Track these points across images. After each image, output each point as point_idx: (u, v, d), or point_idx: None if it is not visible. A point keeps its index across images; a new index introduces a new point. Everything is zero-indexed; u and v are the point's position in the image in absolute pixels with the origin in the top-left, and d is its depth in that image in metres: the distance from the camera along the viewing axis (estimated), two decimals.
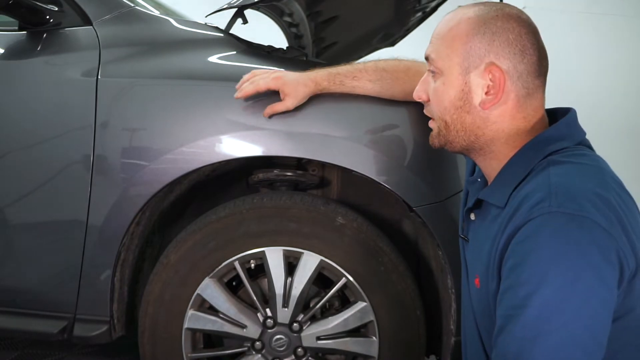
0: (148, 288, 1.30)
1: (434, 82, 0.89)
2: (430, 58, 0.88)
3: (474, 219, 0.93)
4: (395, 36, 2.41)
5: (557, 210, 0.70)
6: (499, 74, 0.82)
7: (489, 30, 0.82)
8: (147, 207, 1.28)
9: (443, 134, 0.90)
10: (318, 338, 1.29)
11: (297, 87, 1.16)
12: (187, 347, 1.30)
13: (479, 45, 0.82)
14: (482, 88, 0.83)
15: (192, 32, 1.38)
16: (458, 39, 0.84)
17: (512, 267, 0.73)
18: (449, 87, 0.86)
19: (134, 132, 1.26)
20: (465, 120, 0.86)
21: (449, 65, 0.85)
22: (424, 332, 1.30)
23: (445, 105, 0.87)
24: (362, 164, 1.22)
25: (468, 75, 0.84)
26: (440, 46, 0.86)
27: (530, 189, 0.76)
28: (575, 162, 0.78)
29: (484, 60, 0.82)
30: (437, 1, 2.08)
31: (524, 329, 0.70)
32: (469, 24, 0.84)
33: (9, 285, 1.32)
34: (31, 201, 1.28)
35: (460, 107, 0.85)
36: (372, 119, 1.23)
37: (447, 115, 0.87)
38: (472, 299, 0.94)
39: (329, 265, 1.26)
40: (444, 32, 0.87)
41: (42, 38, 1.33)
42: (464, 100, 0.85)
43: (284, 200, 1.28)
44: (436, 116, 0.90)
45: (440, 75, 0.87)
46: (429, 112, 0.93)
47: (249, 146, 1.23)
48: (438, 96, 0.88)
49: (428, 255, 1.39)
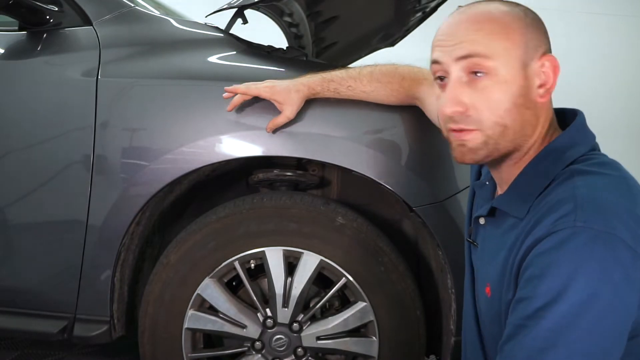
0: (148, 288, 1.30)
1: (479, 86, 0.78)
2: (480, 55, 0.77)
3: (484, 224, 0.91)
4: (395, 36, 2.41)
5: (583, 226, 0.68)
6: (552, 62, 0.79)
7: (533, 22, 0.80)
8: (147, 207, 1.28)
9: (493, 142, 0.79)
10: (318, 338, 1.29)
11: (289, 95, 1.16)
12: (187, 347, 1.30)
13: (534, 36, 0.79)
14: (537, 80, 0.79)
15: (192, 32, 1.38)
16: (513, 31, 0.78)
17: (529, 278, 0.72)
18: (510, 85, 0.77)
19: (134, 132, 1.26)
20: (525, 118, 0.79)
21: (508, 60, 0.77)
22: (424, 332, 1.30)
23: (507, 106, 0.77)
24: (362, 164, 1.22)
25: (527, 68, 0.78)
26: (492, 41, 0.77)
27: (554, 200, 0.74)
28: (601, 173, 0.75)
29: (539, 50, 0.79)
30: (437, 1, 2.08)
31: (535, 340, 0.69)
32: (515, 16, 0.79)
33: (9, 285, 1.32)
34: (31, 201, 1.28)
35: (521, 105, 0.78)
36: (372, 119, 1.23)
37: (508, 117, 0.78)
38: (479, 305, 0.93)
39: (329, 265, 1.26)
40: (490, 27, 0.78)
41: (42, 38, 1.33)
42: (525, 96, 0.78)
43: (284, 200, 1.28)
44: (487, 124, 0.78)
45: (493, 76, 0.77)
46: (469, 123, 0.80)
47: (249, 146, 1.23)
48: (493, 99, 0.77)
49: (428, 255, 1.39)
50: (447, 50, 0.80)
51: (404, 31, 2.37)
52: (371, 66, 1.20)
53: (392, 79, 1.17)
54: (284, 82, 1.18)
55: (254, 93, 1.17)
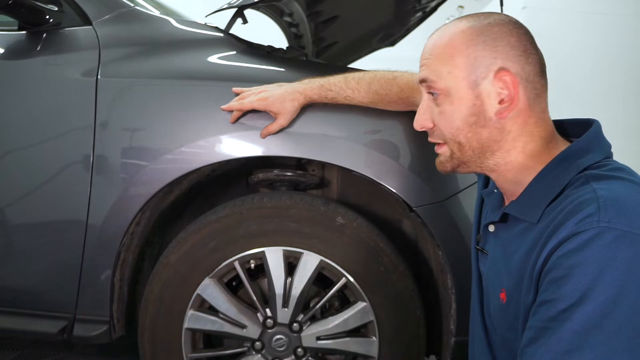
0: (148, 288, 1.30)
1: (437, 105, 0.84)
2: (428, 80, 0.84)
3: (494, 231, 0.91)
4: (395, 36, 2.41)
5: (607, 226, 0.68)
6: (510, 78, 0.79)
7: (489, 38, 0.80)
8: (147, 207, 1.28)
9: (457, 157, 0.85)
10: (318, 338, 1.29)
11: (283, 104, 1.17)
12: (187, 347, 1.30)
13: (483, 54, 0.79)
14: (495, 97, 0.80)
15: (192, 32, 1.38)
16: (458, 54, 0.81)
17: (553, 280, 0.71)
18: (459, 105, 0.81)
19: (134, 132, 1.25)
20: (482, 136, 0.82)
21: (454, 82, 0.81)
22: (424, 332, 1.30)
23: (458, 125, 0.82)
24: (362, 164, 1.22)
25: (477, 87, 0.80)
26: (438, 65, 0.82)
27: (574, 202, 0.73)
28: (616, 177, 0.75)
29: (492, 68, 0.79)
30: (437, 1, 2.08)
31: (560, 343, 0.68)
32: (465, 36, 0.81)
33: (9, 285, 1.32)
34: (31, 201, 1.28)
35: (474, 123, 0.81)
36: (371, 119, 1.23)
37: (461, 135, 0.83)
38: (490, 312, 0.92)
39: (328, 265, 1.26)
40: (438, 51, 0.83)
41: (42, 38, 1.33)
42: (478, 114, 0.81)
43: (284, 200, 1.28)
44: (447, 139, 0.85)
45: (445, 96, 0.83)
46: (437, 138, 0.88)
47: (249, 146, 1.23)
48: (447, 118, 0.83)
49: (428, 255, 1.39)
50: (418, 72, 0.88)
51: (404, 31, 2.37)
52: (370, 75, 1.19)
53: (390, 91, 1.17)
54: (279, 90, 1.18)
55: (248, 108, 1.19)
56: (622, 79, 3.98)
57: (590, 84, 3.86)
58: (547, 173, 0.81)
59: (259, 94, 1.18)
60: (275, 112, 1.18)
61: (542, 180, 0.81)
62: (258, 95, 1.18)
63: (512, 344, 0.85)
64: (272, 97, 1.17)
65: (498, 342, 0.91)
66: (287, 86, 1.19)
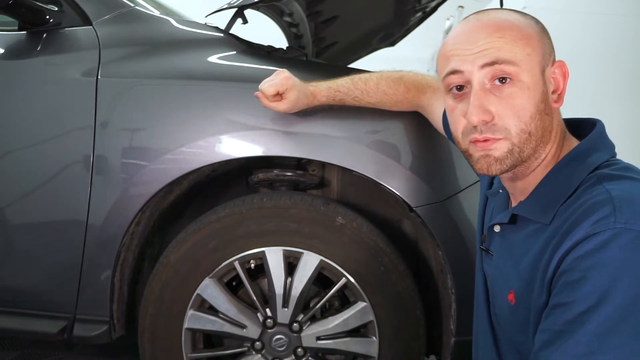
0: (148, 288, 1.30)
1: (505, 92, 0.77)
2: (504, 62, 0.76)
3: (500, 231, 0.90)
4: (395, 36, 2.41)
5: (624, 227, 0.67)
6: (563, 68, 0.81)
7: (543, 30, 0.81)
8: (147, 207, 1.28)
9: (518, 150, 0.78)
10: (318, 338, 1.29)
11: (298, 97, 1.16)
12: (187, 347, 1.30)
13: (547, 42, 0.80)
14: (551, 85, 0.80)
15: (192, 32, 1.38)
16: (532, 37, 0.78)
17: (568, 282, 0.70)
18: (533, 91, 0.77)
19: (134, 132, 1.25)
20: (545, 124, 0.79)
21: (531, 66, 0.77)
22: (424, 332, 1.30)
23: (532, 112, 0.77)
24: (362, 164, 1.22)
25: (543, 74, 0.79)
26: (515, 47, 0.76)
27: (588, 203, 0.72)
28: (628, 177, 0.75)
29: (552, 56, 0.81)
30: (437, 1, 2.08)
31: (578, 346, 0.67)
32: (530, 24, 0.80)
33: (9, 285, 1.32)
34: (31, 201, 1.28)
35: (542, 110, 0.78)
36: (372, 120, 1.23)
37: (532, 124, 0.77)
38: (496, 312, 0.92)
39: (328, 265, 1.26)
40: (512, 33, 0.77)
41: (42, 38, 1.33)
42: (545, 102, 0.78)
43: (284, 200, 1.28)
44: (513, 131, 0.77)
45: (519, 81, 0.77)
46: (496, 132, 0.78)
47: (249, 146, 1.23)
48: (520, 105, 0.77)
49: (428, 255, 1.39)
50: (469, 59, 0.78)
51: (404, 31, 2.37)
52: (377, 76, 1.19)
53: (397, 91, 1.18)
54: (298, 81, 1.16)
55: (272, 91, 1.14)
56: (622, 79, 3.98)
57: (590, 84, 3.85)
58: (558, 172, 0.80)
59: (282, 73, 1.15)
60: (288, 97, 1.15)
61: (553, 180, 0.80)
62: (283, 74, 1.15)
63: (521, 346, 0.84)
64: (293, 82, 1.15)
65: (505, 342, 0.91)
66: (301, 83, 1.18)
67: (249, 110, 1.22)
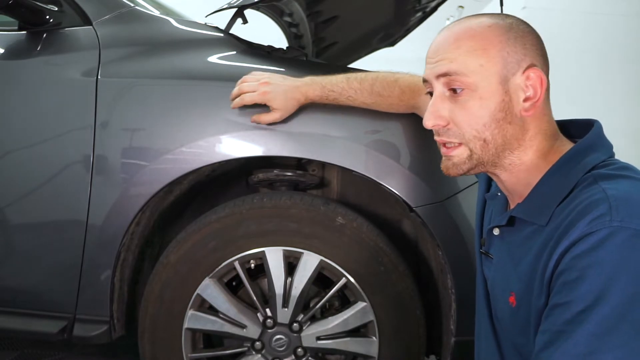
0: (148, 288, 1.30)
1: (459, 101, 0.81)
2: (454, 74, 0.80)
3: (499, 234, 0.90)
4: (395, 36, 2.41)
5: (620, 225, 0.67)
6: (538, 75, 0.79)
7: (518, 35, 0.80)
8: (147, 207, 1.28)
9: (477, 156, 0.82)
10: (318, 338, 1.29)
11: (285, 102, 1.17)
12: (187, 347, 1.30)
13: (515, 50, 0.79)
14: (521, 94, 0.79)
15: (192, 32, 1.38)
16: (491, 47, 0.79)
17: (566, 282, 0.70)
18: (487, 100, 0.79)
19: (134, 132, 1.26)
20: (507, 133, 0.80)
21: (485, 76, 0.79)
22: (424, 332, 1.30)
23: (485, 121, 0.80)
24: (362, 164, 1.22)
25: (507, 83, 0.79)
26: (468, 58, 0.79)
27: (584, 202, 0.72)
28: (624, 176, 0.75)
29: (522, 64, 0.79)
30: (437, 1, 2.08)
31: (577, 346, 0.67)
32: (495, 30, 0.80)
33: (9, 285, 1.32)
34: (31, 201, 1.28)
35: (501, 119, 0.79)
36: (371, 119, 1.23)
37: (488, 132, 0.80)
38: (498, 315, 0.92)
39: (328, 265, 1.26)
40: (468, 44, 0.80)
41: (42, 38, 1.33)
42: (506, 110, 0.79)
43: (284, 200, 1.28)
44: (467, 138, 0.81)
45: (471, 91, 0.80)
46: (451, 137, 0.83)
47: (249, 146, 1.23)
48: (472, 114, 0.80)
49: (428, 255, 1.39)
50: (430, 68, 0.84)
51: (404, 31, 2.37)
52: (372, 77, 1.19)
53: (392, 93, 1.18)
54: (281, 86, 1.18)
55: (249, 103, 1.18)
56: (622, 80, 3.98)
57: (590, 84, 3.86)
58: (554, 173, 0.80)
59: (261, 86, 1.18)
60: (275, 107, 1.18)
61: (549, 181, 0.80)
62: (261, 89, 1.17)
63: (522, 348, 0.84)
64: (274, 92, 1.17)
65: (507, 346, 0.90)
66: (290, 82, 1.19)
67: (249, 110, 1.22)
